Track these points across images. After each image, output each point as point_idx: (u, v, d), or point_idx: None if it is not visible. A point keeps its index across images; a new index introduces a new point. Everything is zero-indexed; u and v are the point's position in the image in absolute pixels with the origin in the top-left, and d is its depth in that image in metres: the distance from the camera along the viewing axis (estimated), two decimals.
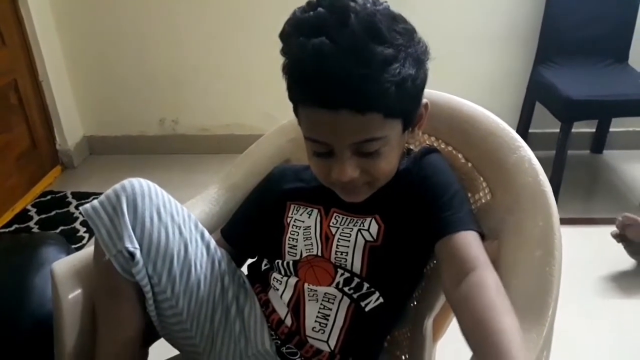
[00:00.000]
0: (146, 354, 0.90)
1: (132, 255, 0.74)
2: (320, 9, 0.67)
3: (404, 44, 0.68)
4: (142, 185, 0.77)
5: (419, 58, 0.71)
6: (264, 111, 2.57)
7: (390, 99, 0.67)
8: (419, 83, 0.72)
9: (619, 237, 1.74)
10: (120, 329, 0.79)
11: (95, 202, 0.76)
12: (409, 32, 0.70)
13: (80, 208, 0.77)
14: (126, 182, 0.77)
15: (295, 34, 0.68)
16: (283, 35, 0.71)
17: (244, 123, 2.67)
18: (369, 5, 0.67)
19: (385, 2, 0.70)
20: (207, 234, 0.85)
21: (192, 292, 0.80)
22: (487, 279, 0.66)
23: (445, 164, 0.81)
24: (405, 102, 0.71)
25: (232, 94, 2.64)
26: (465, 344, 0.65)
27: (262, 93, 2.60)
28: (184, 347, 0.86)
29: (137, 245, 0.74)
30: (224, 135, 2.72)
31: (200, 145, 2.74)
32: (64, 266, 0.82)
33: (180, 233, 0.79)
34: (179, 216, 0.80)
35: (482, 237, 0.73)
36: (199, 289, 0.80)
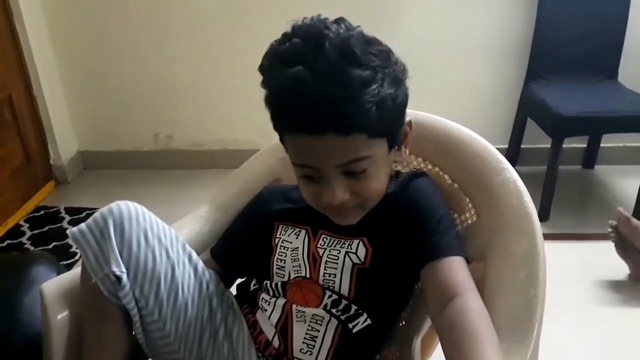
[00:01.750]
0: None
1: (118, 279, 0.74)
2: (295, 39, 0.68)
3: (380, 65, 0.69)
4: (129, 209, 0.77)
5: (397, 77, 0.72)
6: (258, 126, 2.55)
7: (372, 119, 0.68)
8: (400, 101, 0.73)
9: (614, 229, 1.75)
10: (106, 352, 0.79)
11: (82, 225, 0.77)
12: (384, 54, 0.71)
13: (68, 231, 0.78)
14: (114, 205, 0.77)
15: (272, 66, 0.70)
16: (262, 68, 0.73)
17: (238, 138, 2.68)
18: (342, 31, 0.69)
19: (359, 26, 0.72)
20: (194, 255, 0.85)
21: (180, 315, 0.80)
22: (470, 306, 0.66)
23: (432, 189, 0.81)
24: (388, 121, 0.72)
25: (226, 109, 2.65)
26: None
27: (256, 108, 2.58)
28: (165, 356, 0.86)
29: (123, 269, 0.75)
30: (219, 150, 2.72)
31: (195, 160, 2.74)
32: (54, 286, 0.83)
33: (168, 256, 0.79)
34: (167, 239, 0.80)
35: (468, 262, 0.74)
36: (186, 311, 0.81)
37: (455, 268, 0.71)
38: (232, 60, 2.54)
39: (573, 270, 1.82)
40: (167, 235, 0.81)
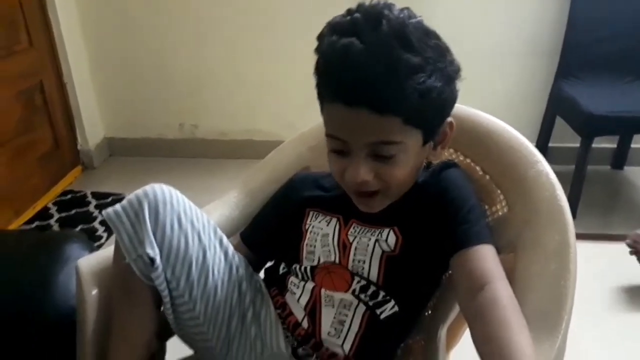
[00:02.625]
0: (164, 348, 0.92)
1: (151, 260, 0.75)
2: (356, 14, 0.70)
3: (433, 58, 0.69)
4: (164, 192, 0.78)
5: (448, 75, 0.72)
6: (283, 118, 2.59)
7: (411, 106, 0.68)
8: (446, 98, 0.73)
9: (633, 249, 1.73)
10: (134, 331, 0.81)
11: (117, 206, 0.78)
12: (441, 49, 0.72)
13: (103, 212, 0.79)
14: (148, 187, 0.78)
15: (329, 34, 0.71)
16: (319, 36, 0.73)
17: (262, 129, 2.70)
18: (402, 15, 0.70)
19: (420, 16, 0.72)
20: (225, 240, 0.86)
21: (210, 297, 0.81)
22: (501, 294, 0.66)
23: (463, 179, 0.81)
24: (428, 113, 0.72)
25: (252, 99, 2.67)
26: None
27: (282, 100, 2.63)
28: (200, 348, 0.87)
29: (157, 251, 0.76)
30: (243, 140, 2.75)
31: (219, 150, 2.77)
32: (88, 263, 0.84)
33: (199, 240, 0.80)
34: (199, 223, 0.81)
35: (498, 252, 0.74)
36: (216, 293, 0.82)
37: (486, 256, 0.71)
38: (259, 51, 2.55)
39: (598, 270, 1.80)
40: (199, 220, 0.82)
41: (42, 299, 0.88)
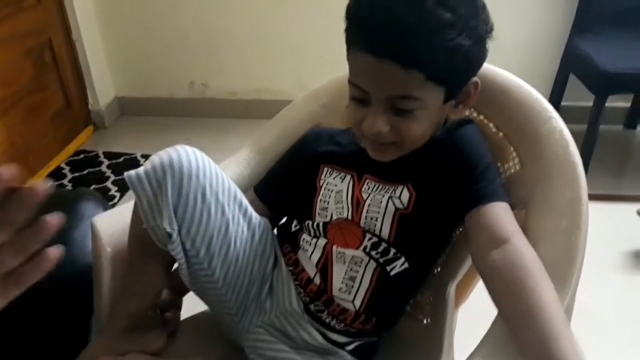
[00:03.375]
0: (180, 304, 0.94)
1: (169, 234, 0.75)
2: None
3: (466, 15, 0.67)
4: (190, 162, 0.74)
5: (479, 34, 0.70)
6: (293, 77, 2.57)
7: (437, 63, 0.67)
8: (473, 58, 0.72)
9: None
10: (145, 283, 0.82)
11: (140, 170, 0.74)
12: (476, 6, 0.70)
13: (125, 174, 0.76)
14: (174, 155, 0.74)
15: None
16: None
17: (272, 88, 2.68)
18: None
19: None
20: (250, 208, 0.84)
21: (230, 266, 0.81)
22: (524, 250, 0.66)
23: (479, 136, 0.81)
24: (453, 72, 0.71)
25: (262, 58, 2.64)
26: (486, 310, 0.67)
27: (291, 58, 2.60)
28: (217, 308, 0.88)
29: (175, 227, 0.74)
30: (252, 99, 2.73)
31: (229, 109, 2.77)
32: (104, 221, 0.85)
33: (223, 213, 0.78)
34: (224, 196, 0.78)
35: (511, 208, 0.74)
36: (237, 263, 0.82)
37: (502, 213, 0.71)
38: (269, 9, 2.51)
39: (607, 231, 1.81)
40: (224, 192, 0.79)
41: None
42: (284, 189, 0.95)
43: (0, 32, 2.07)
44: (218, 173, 0.78)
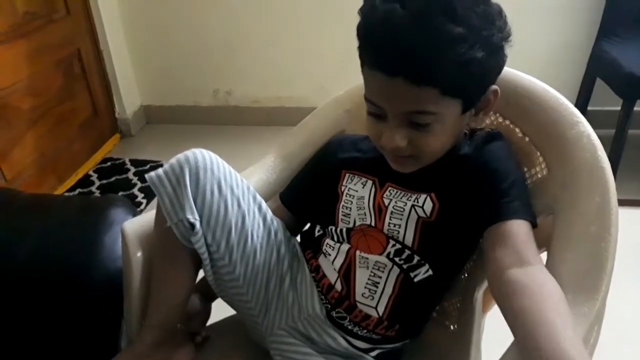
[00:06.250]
0: (209, 309, 0.95)
1: (192, 225, 0.78)
2: None
3: (478, 26, 0.66)
4: (204, 158, 0.80)
5: (494, 43, 0.69)
6: (315, 84, 2.58)
7: (450, 78, 0.67)
8: (488, 68, 0.71)
9: None
10: (171, 291, 0.84)
11: (160, 171, 0.80)
12: (490, 15, 0.69)
13: (146, 176, 0.81)
14: (190, 153, 0.80)
15: None
16: None
17: (294, 95, 2.70)
18: None
19: None
20: (264, 205, 0.88)
21: (249, 260, 0.84)
22: (543, 276, 0.64)
23: (507, 152, 0.79)
24: (468, 84, 0.70)
25: (284, 66, 2.67)
26: None
27: (313, 66, 2.61)
28: (241, 308, 0.90)
29: (197, 217, 0.78)
30: (275, 107, 2.75)
31: (252, 117, 2.79)
32: (133, 226, 0.87)
33: (239, 205, 0.82)
34: (239, 189, 0.83)
35: (537, 214, 0.73)
36: (255, 257, 0.84)
37: (520, 233, 0.69)
38: (291, 17, 2.53)
39: (637, 237, 1.77)
40: (239, 186, 0.83)
41: (89, 260, 0.92)
42: (308, 195, 0.96)
43: (32, 44, 2.13)
44: (231, 170, 0.83)
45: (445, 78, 0.67)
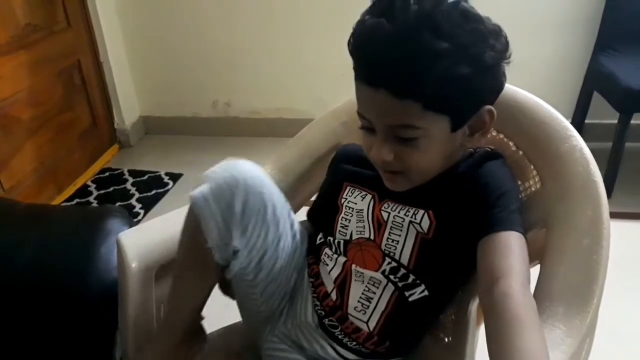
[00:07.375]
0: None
1: (235, 251, 0.77)
2: None
3: (466, 44, 0.66)
4: (255, 183, 0.77)
5: (484, 61, 0.68)
6: (315, 96, 2.59)
7: (431, 93, 0.67)
8: (477, 86, 0.70)
9: None
10: (191, 299, 0.84)
11: (205, 190, 0.75)
12: (481, 34, 0.68)
13: (190, 195, 0.76)
14: (239, 176, 0.76)
15: (365, 13, 0.71)
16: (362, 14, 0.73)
17: (294, 107, 2.71)
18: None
19: (466, 1, 0.69)
20: (296, 224, 0.87)
21: (273, 280, 0.84)
22: (512, 291, 0.63)
23: (503, 171, 0.79)
24: (453, 100, 0.69)
25: (283, 77, 2.68)
26: None
27: (313, 78, 2.63)
28: (249, 318, 0.91)
29: (244, 244, 0.77)
30: (275, 118, 2.76)
31: (251, 128, 2.80)
32: (129, 237, 0.88)
33: (277, 228, 0.81)
34: (282, 211, 0.81)
35: (530, 228, 0.73)
36: (279, 276, 0.85)
37: (508, 245, 0.69)
38: (291, 29, 2.55)
39: (633, 250, 1.77)
40: (283, 207, 0.82)
41: (85, 270, 0.93)
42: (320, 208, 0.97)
43: (33, 55, 2.14)
44: (275, 191, 0.81)
45: (427, 92, 0.67)
